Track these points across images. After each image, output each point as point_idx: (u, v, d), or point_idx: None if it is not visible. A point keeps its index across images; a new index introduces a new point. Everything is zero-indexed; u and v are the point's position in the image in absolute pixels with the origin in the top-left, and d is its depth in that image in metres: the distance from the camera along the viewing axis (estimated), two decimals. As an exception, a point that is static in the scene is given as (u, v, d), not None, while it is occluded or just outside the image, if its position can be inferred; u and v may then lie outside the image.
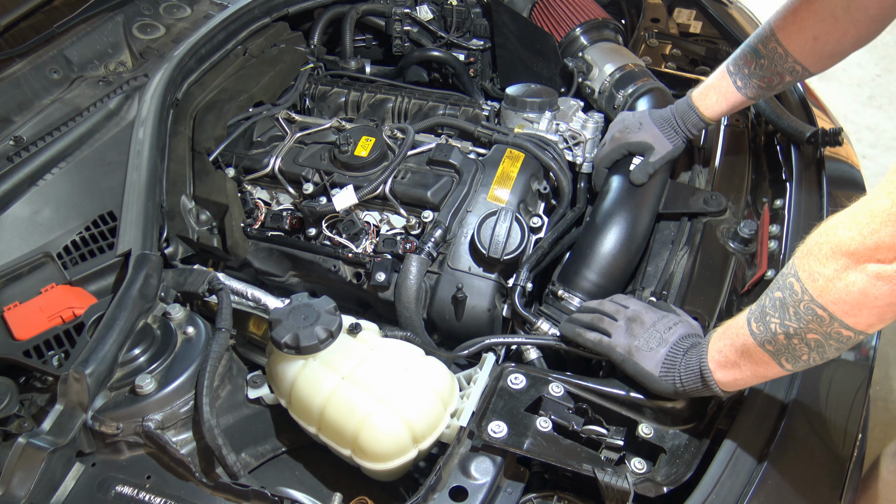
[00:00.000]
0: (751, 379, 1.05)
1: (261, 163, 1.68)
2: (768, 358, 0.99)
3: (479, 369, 1.26)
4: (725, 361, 1.05)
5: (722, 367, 1.05)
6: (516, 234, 1.47)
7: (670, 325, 1.17)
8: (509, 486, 1.09)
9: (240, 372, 1.29)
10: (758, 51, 1.43)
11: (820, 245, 0.90)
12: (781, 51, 1.39)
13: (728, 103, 1.50)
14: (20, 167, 1.46)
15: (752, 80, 1.45)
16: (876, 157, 3.66)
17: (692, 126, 1.55)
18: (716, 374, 1.06)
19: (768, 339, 0.97)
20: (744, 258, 1.44)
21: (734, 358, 1.03)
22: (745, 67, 1.46)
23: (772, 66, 1.42)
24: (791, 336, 0.94)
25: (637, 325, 1.20)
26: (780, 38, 1.39)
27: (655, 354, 1.14)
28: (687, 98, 1.56)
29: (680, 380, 1.10)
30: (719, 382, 1.06)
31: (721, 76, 1.50)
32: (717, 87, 1.51)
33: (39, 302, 1.26)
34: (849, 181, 1.64)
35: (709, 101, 1.52)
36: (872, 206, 0.85)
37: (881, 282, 0.84)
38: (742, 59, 1.46)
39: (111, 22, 1.86)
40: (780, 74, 1.42)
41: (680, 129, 1.56)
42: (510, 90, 1.81)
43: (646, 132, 1.57)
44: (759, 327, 0.98)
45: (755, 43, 1.44)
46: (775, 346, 0.97)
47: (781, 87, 1.46)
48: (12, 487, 1.02)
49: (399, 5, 2.19)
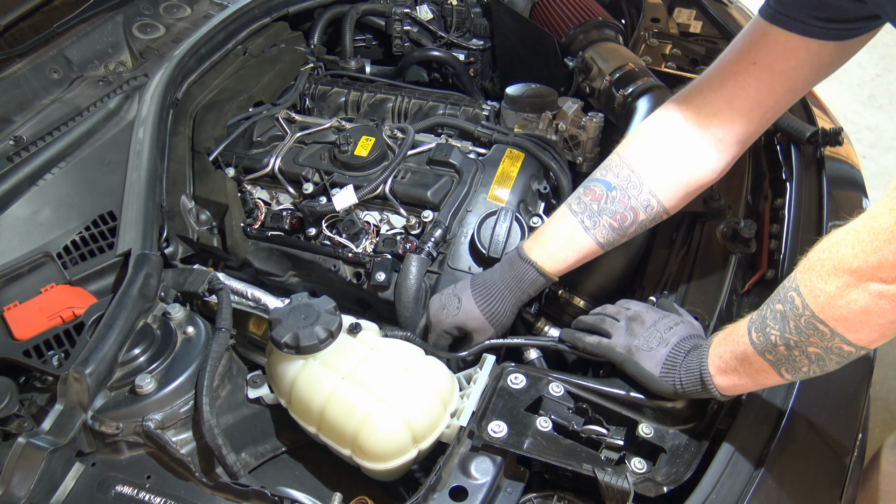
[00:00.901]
0: (750, 385, 1.05)
1: (261, 162, 1.68)
2: (768, 367, 0.99)
3: (479, 369, 1.26)
4: (725, 367, 1.05)
5: (722, 373, 1.05)
6: (516, 234, 1.47)
7: (671, 325, 1.17)
8: (509, 486, 1.09)
9: (240, 372, 1.29)
10: (608, 182, 1.25)
11: (822, 261, 0.90)
12: (636, 179, 1.23)
13: (577, 253, 1.28)
14: (20, 167, 1.46)
15: (603, 217, 1.25)
16: (876, 157, 3.66)
17: (530, 287, 1.30)
18: (716, 378, 1.06)
19: (768, 349, 0.97)
20: (744, 258, 1.44)
21: (734, 364, 1.03)
22: (593, 203, 1.25)
23: (625, 199, 1.23)
24: (791, 348, 0.94)
25: (637, 325, 1.19)
26: (632, 166, 1.24)
27: (655, 354, 1.14)
28: (516, 253, 1.31)
29: (680, 382, 1.11)
30: (719, 387, 1.06)
31: (561, 220, 1.28)
32: (559, 235, 1.27)
33: (39, 302, 1.26)
34: (849, 181, 1.64)
35: (553, 253, 1.28)
36: (875, 223, 0.84)
37: (883, 300, 0.84)
38: (588, 195, 1.26)
39: (111, 22, 1.86)
40: (634, 210, 1.24)
41: (511, 296, 1.31)
42: (510, 90, 1.81)
43: (464, 313, 1.33)
44: (759, 337, 0.98)
45: (603, 175, 1.26)
46: (775, 356, 0.97)
47: (633, 231, 1.27)
48: (12, 487, 1.02)
49: (399, 5, 2.19)
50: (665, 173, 1.24)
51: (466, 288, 1.35)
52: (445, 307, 1.35)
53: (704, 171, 1.24)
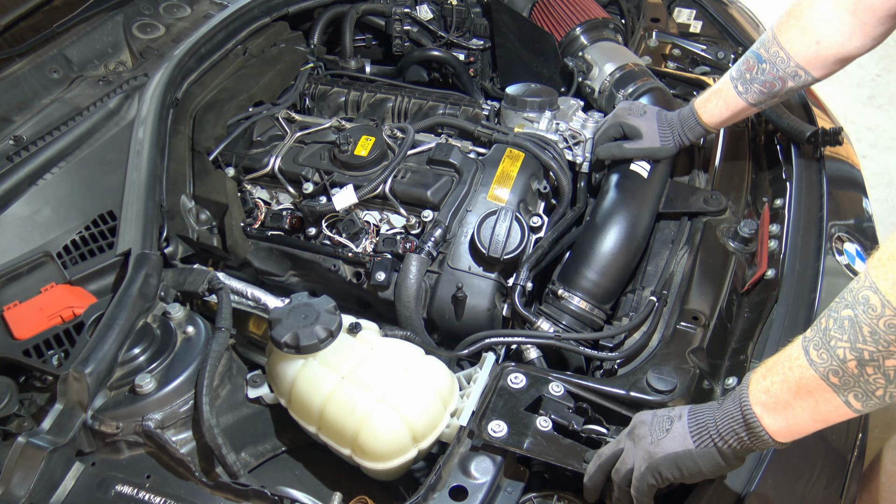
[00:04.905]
0: (809, 423, 0.87)
1: (261, 162, 1.68)
2: (832, 394, 0.83)
3: (479, 369, 1.26)
4: (775, 403, 0.87)
5: (771, 411, 0.87)
6: (516, 234, 1.47)
7: (670, 409, 1.00)
8: (509, 486, 1.09)
9: (240, 371, 1.29)
10: (759, 55, 1.39)
11: None
12: (783, 55, 1.36)
13: (729, 110, 1.47)
14: (20, 167, 1.46)
15: (754, 85, 1.41)
16: (876, 157, 3.66)
17: (689, 131, 1.52)
18: (763, 419, 0.88)
19: (834, 368, 0.82)
20: (744, 258, 1.44)
21: (787, 398, 0.86)
22: (746, 72, 1.42)
23: (774, 71, 1.38)
24: (864, 363, 0.79)
25: (637, 428, 1.00)
26: (782, 43, 1.36)
27: (675, 432, 0.94)
28: (690, 104, 1.54)
29: (719, 435, 0.91)
30: (769, 429, 0.87)
31: (723, 82, 1.48)
32: (718, 93, 1.48)
33: (39, 301, 1.26)
34: (849, 181, 1.64)
35: (709, 107, 1.49)
36: None
37: None
38: (744, 65, 1.43)
39: (111, 21, 1.86)
40: (782, 79, 1.38)
41: (676, 133, 1.53)
42: (510, 90, 1.81)
43: (644, 121, 1.55)
44: (822, 355, 0.83)
45: (757, 48, 1.41)
46: (842, 377, 0.81)
47: (785, 93, 1.42)
48: (12, 487, 1.02)
49: (399, 5, 2.19)
50: (812, 49, 1.33)
51: (653, 109, 1.58)
52: (631, 110, 1.58)
53: (851, 47, 1.31)
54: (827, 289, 1.31)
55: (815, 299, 1.28)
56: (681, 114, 1.54)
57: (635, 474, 0.96)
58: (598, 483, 1.02)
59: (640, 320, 1.33)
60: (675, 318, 1.30)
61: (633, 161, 1.57)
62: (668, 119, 1.55)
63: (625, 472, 0.98)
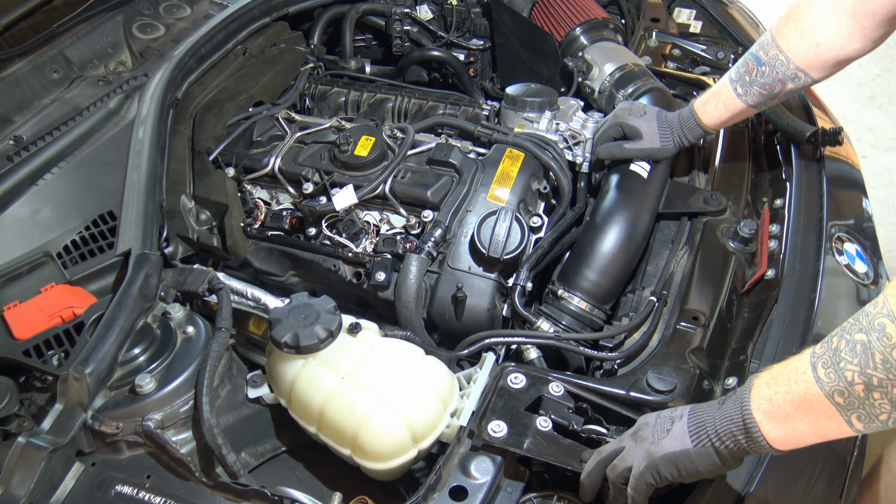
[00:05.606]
0: (808, 437, 0.88)
1: (261, 162, 1.68)
2: (834, 413, 0.83)
3: (479, 369, 1.26)
4: (777, 412, 0.88)
5: (772, 419, 0.88)
6: (516, 234, 1.47)
7: (673, 409, 1.01)
8: (509, 486, 1.09)
9: (240, 371, 1.29)
10: (759, 58, 1.40)
11: None
12: (783, 58, 1.36)
13: (729, 111, 1.47)
14: (20, 167, 1.46)
15: (754, 87, 1.42)
16: (876, 157, 3.66)
17: (689, 132, 1.53)
18: (763, 426, 0.88)
19: (840, 389, 0.82)
20: (744, 258, 1.44)
21: (789, 409, 0.87)
22: (746, 75, 1.42)
23: (773, 74, 1.38)
24: (872, 388, 0.79)
25: (641, 430, 1.01)
26: (781, 45, 1.36)
27: (674, 432, 0.96)
28: (690, 105, 1.55)
29: (717, 436, 0.92)
30: (768, 436, 0.89)
31: (723, 84, 1.48)
32: (717, 95, 1.49)
33: (39, 301, 1.26)
34: (849, 181, 1.64)
35: (709, 109, 1.49)
36: None
37: None
38: (743, 67, 1.43)
39: (111, 21, 1.86)
40: (781, 81, 1.39)
41: (676, 133, 1.54)
42: (510, 90, 1.81)
43: (644, 122, 1.56)
44: (830, 374, 0.83)
45: (756, 50, 1.41)
46: (847, 398, 0.82)
47: (785, 94, 1.42)
48: (12, 487, 1.02)
49: (399, 5, 2.19)
50: (811, 52, 1.33)
51: (654, 110, 1.58)
52: (631, 111, 1.58)
53: (851, 49, 1.31)
54: (827, 289, 1.31)
55: (814, 299, 1.28)
56: (680, 114, 1.55)
57: (634, 472, 0.97)
58: (596, 480, 1.03)
59: (639, 320, 1.33)
60: (675, 319, 1.30)
61: (633, 161, 1.57)
62: (668, 119, 1.56)
63: (622, 469, 0.98)
